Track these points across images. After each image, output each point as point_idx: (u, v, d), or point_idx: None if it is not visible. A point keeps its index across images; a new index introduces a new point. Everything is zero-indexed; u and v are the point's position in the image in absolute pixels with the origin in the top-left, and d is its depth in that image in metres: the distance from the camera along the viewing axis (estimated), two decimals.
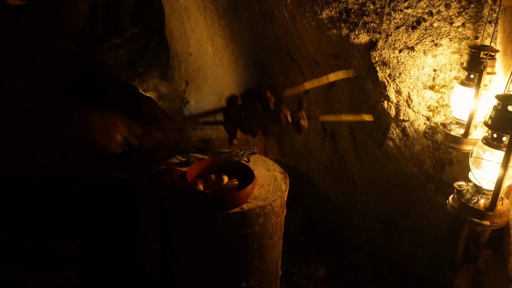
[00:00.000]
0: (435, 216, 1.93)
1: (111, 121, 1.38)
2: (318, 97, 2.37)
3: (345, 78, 1.98)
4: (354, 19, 1.69)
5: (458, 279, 1.71)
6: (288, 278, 2.15)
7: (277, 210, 1.53)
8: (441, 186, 1.80)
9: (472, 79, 1.47)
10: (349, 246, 2.33)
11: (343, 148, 2.30)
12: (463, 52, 1.59)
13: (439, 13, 1.57)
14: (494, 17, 1.49)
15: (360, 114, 1.50)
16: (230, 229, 1.46)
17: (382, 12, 1.64)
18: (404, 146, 1.82)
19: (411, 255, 2.13)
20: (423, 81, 1.67)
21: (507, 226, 1.34)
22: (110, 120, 1.38)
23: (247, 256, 1.53)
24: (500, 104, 1.22)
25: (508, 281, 1.27)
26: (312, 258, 2.29)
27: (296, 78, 2.52)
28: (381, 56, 1.69)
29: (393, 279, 2.14)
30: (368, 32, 1.68)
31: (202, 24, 3.23)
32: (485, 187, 1.33)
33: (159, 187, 1.55)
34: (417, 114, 1.73)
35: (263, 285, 1.63)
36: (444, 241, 1.97)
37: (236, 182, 1.50)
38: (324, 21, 1.78)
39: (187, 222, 1.51)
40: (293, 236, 2.38)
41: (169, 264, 1.68)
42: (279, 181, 1.62)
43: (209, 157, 1.62)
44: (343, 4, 1.69)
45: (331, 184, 2.49)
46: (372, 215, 2.26)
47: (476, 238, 1.64)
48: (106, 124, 1.37)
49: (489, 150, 1.30)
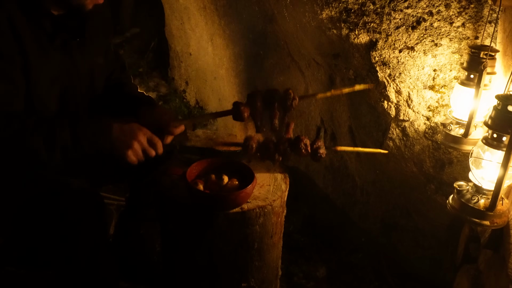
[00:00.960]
0: (435, 216, 1.93)
1: (130, 130, 1.40)
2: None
3: (345, 78, 1.99)
4: (354, 19, 1.69)
5: (458, 279, 1.71)
6: (288, 278, 2.15)
7: (277, 210, 1.53)
8: (441, 186, 1.80)
9: (472, 79, 1.47)
10: (349, 246, 2.33)
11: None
12: (463, 52, 1.59)
13: (439, 13, 1.57)
14: (494, 17, 1.49)
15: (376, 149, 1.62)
16: (230, 229, 1.46)
17: (382, 12, 1.64)
18: (404, 146, 1.82)
19: (411, 255, 2.13)
20: (423, 81, 1.67)
21: (507, 226, 1.34)
22: (129, 130, 1.40)
23: (247, 256, 1.53)
24: (500, 104, 1.22)
25: (508, 281, 1.27)
26: (312, 258, 2.29)
27: (296, 78, 2.52)
28: (381, 56, 1.69)
29: (393, 279, 2.14)
30: (368, 32, 1.68)
31: (202, 24, 3.23)
32: (485, 187, 1.33)
33: (159, 187, 1.55)
34: (417, 114, 1.73)
35: (263, 285, 1.63)
36: (444, 241, 1.97)
37: (236, 182, 1.50)
38: (324, 21, 1.78)
39: (187, 222, 1.51)
40: (293, 236, 2.38)
41: (169, 264, 1.68)
42: (279, 181, 1.62)
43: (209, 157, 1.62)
44: (343, 4, 1.69)
45: (331, 184, 2.49)
46: (372, 215, 2.26)
47: (476, 238, 1.64)
48: (125, 133, 1.39)
49: (489, 150, 1.30)
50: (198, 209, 1.45)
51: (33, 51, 1.37)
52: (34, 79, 1.40)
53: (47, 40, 1.42)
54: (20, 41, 1.34)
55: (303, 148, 1.51)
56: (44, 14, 1.40)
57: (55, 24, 1.42)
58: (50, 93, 1.47)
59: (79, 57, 1.54)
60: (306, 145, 1.51)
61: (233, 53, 2.95)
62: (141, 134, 1.40)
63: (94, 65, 1.63)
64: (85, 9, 1.42)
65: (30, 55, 1.36)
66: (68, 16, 1.45)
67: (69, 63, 1.51)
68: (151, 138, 1.43)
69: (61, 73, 1.48)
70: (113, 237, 2.03)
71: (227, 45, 2.98)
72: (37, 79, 1.41)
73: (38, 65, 1.39)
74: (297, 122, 2.61)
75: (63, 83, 1.50)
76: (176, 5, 3.59)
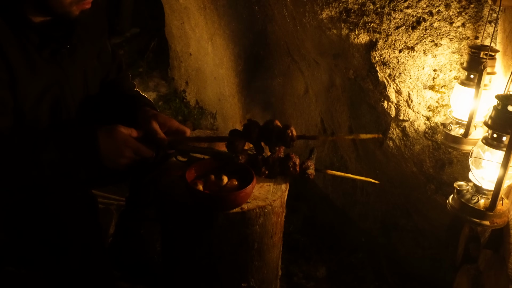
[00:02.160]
0: (435, 216, 1.93)
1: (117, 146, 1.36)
2: (318, 96, 2.38)
3: (345, 78, 1.99)
4: (354, 19, 1.69)
5: (458, 279, 1.71)
6: (288, 278, 2.15)
7: (277, 210, 1.53)
8: (441, 186, 1.80)
9: (472, 79, 1.47)
10: (349, 246, 2.33)
11: (343, 148, 2.30)
12: (463, 52, 1.59)
13: (439, 13, 1.57)
14: (494, 17, 1.49)
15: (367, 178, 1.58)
16: (230, 229, 1.45)
17: (382, 12, 1.64)
18: (404, 146, 1.82)
19: (411, 255, 2.12)
20: (423, 81, 1.67)
21: (507, 226, 1.34)
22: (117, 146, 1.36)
23: (247, 256, 1.53)
24: (500, 104, 1.22)
25: (508, 281, 1.27)
26: (312, 258, 2.28)
27: (296, 78, 2.52)
28: (381, 56, 1.69)
29: (393, 279, 2.14)
30: (368, 32, 1.68)
31: (202, 24, 3.23)
32: (485, 187, 1.33)
33: (159, 187, 1.55)
34: (417, 114, 1.73)
35: (263, 285, 1.63)
36: (444, 241, 1.96)
37: (236, 182, 1.50)
38: (324, 21, 1.78)
39: (187, 222, 1.51)
40: (293, 236, 2.37)
41: (169, 264, 1.69)
42: (279, 181, 1.61)
43: (209, 157, 1.62)
44: (343, 4, 1.69)
45: (331, 184, 2.49)
46: (372, 215, 2.26)
47: (476, 238, 1.64)
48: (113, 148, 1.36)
49: (489, 150, 1.30)
50: (198, 209, 1.45)
51: (20, 66, 1.33)
52: (23, 94, 1.36)
53: (35, 51, 1.37)
54: (5, 57, 1.30)
55: (291, 167, 1.53)
56: (29, 26, 1.35)
57: (42, 35, 1.38)
58: (41, 106, 1.43)
59: (70, 64, 1.50)
60: (295, 164, 1.54)
61: (233, 53, 2.95)
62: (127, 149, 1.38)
63: (87, 70, 1.59)
64: (71, 16, 1.36)
65: (17, 71, 1.33)
66: (54, 25, 1.40)
67: (59, 73, 1.46)
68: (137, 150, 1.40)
69: (51, 84, 1.44)
70: (113, 237, 2.03)
71: (227, 45, 2.98)
72: (26, 94, 1.37)
73: (26, 79, 1.35)
74: (297, 122, 2.61)
75: (54, 93, 1.46)
76: (176, 5, 3.59)
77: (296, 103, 2.61)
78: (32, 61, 1.37)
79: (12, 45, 1.32)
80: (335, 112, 2.23)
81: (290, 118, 2.64)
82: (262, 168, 1.55)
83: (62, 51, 1.46)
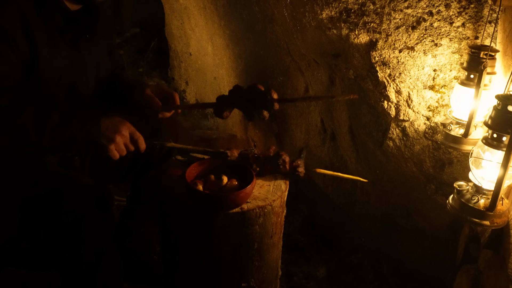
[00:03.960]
0: (435, 216, 1.93)
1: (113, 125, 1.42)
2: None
3: (345, 78, 1.99)
4: (354, 19, 1.69)
5: (458, 279, 1.71)
6: (288, 278, 2.14)
7: (277, 210, 1.53)
8: (441, 186, 1.80)
9: (472, 79, 1.47)
10: (349, 246, 2.33)
11: (343, 148, 2.30)
12: (463, 52, 1.59)
13: (439, 13, 1.57)
14: (494, 17, 1.49)
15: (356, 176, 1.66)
16: (230, 229, 1.46)
17: (382, 12, 1.64)
18: (404, 146, 1.82)
19: (411, 255, 2.12)
20: (423, 81, 1.67)
21: (507, 226, 1.34)
22: (112, 124, 1.43)
23: (247, 256, 1.53)
24: (500, 104, 1.22)
25: (508, 281, 1.27)
26: (312, 258, 2.28)
27: (296, 78, 2.52)
28: (381, 56, 1.69)
29: (393, 279, 2.14)
30: (368, 32, 1.68)
31: (202, 24, 3.23)
32: (485, 187, 1.33)
33: (159, 187, 1.55)
34: (417, 114, 1.73)
35: (263, 285, 1.63)
36: (444, 241, 1.96)
37: (236, 182, 1.50)
38: (324, 21, 1.78)
39: (187, 222, 1.51)
40: (293, 236, 2.37)
41: (169, 264, 1.69)
42: (279, 181, 1.62)
43: (209, 158, 1.62)
44: (343, 4, 1.69)
45: (331, 184, 2.49)
46: (372, 215, 2.26)
47: (476, 238, 1.64)
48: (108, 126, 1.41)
49: (489, 150, 1.30)
50: (197, 209, 1.45)
51: (43, 42, 1.39)
52: (42, 72, 1.41)
53: (58, 33, 1.43)
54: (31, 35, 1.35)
55: (281, 164, 1.59)
56: (58, 9, 1.41)
57: (67, 19, 1.44)
58: (58, 85, 1.48)
59: (87, 53, 1.55)
60: (285, 161, 1.59)
61: (233, 53, 2.95)
62: (124, 128, 1.43)
63: (100, 63, 1.65)
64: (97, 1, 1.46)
65: (39, 45, 1.38)
66: (81, 12, 1.47)
67: (78, 59, 1.52)
68: (133, 133, 1.46)
69: (69, 67, 1.49)
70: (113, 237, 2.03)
71: (227, 45, 2.98)
72: (46, 72, 1.42)
73: (47, 58, 1.41)
74: (297, 122, 2.61)
75: (71, 77, 1.51)
76: (176, 5, 3.59)
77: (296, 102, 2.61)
78: (55, 41, 1.43)
79: (38, 25, 1.37)
80: (335, 112, 2.23)
81: (290, 118, 2.64)
82: (253, 165, 1.57)
83: (82, 37, 1.51)
